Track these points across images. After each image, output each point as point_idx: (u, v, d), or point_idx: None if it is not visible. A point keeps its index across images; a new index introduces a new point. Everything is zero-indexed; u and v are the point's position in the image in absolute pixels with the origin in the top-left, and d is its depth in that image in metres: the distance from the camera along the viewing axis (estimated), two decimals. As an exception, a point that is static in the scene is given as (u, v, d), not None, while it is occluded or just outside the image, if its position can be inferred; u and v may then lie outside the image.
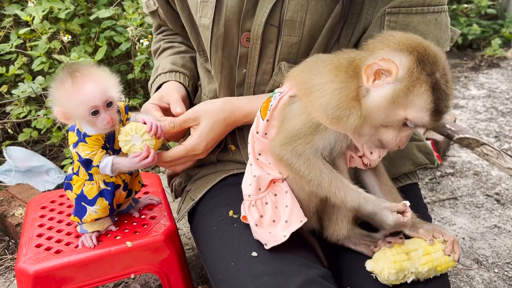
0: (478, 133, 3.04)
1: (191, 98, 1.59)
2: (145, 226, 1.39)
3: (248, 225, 1.24)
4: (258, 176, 1.20)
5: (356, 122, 1.04)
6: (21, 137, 2.39)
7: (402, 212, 1.07)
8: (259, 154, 1.23)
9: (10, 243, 1.99)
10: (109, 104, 1.18)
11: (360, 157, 1.19)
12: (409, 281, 1.11)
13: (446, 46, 1.33)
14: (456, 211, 2.23)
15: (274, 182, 1.21)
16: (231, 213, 1.33)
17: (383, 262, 1.10)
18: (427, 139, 2.54)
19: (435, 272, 1.14)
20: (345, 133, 1.10)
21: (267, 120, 1.19)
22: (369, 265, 1.13)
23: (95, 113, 1.17)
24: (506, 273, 1.83)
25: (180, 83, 1.54)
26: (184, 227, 2.06)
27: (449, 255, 1.14)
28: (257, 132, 1.22)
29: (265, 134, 1.21)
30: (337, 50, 1.36)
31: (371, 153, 1.16)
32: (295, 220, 1.15)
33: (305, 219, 1.16)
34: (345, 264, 1.26)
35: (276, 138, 1.16)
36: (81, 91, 1.15)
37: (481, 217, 2.18)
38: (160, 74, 1.56)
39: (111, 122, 1.19)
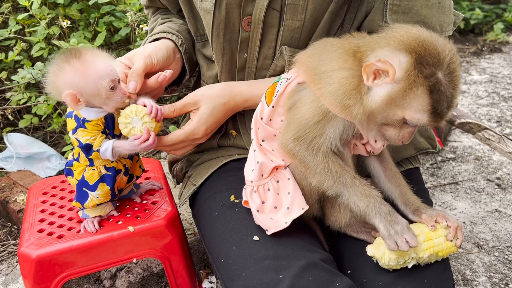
0: (480, 118, 3.03)
1: (183, 58, 1.51)
2: (147, 211, 1.39)
3: (249, 210, 1.24)
4: (261, 162, 1.20)
5: (360, 112, 1.04)
6: (21, 124, 2.38)
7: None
8: (263, 141, 1.22)
9: (13, 229, 2.00)
10: (118, 80, 1.20)
11: (364, 144, 1.18)
12: (409, 266, 1.11)
13: (449, 30, 1.32)
14: (457, 195, 2.24)
15: (276, 169, 1.20)
16: (232, 198, 1.33)
17: (384, 247, 1.10)
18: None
19: (436, 257, 1.14)
20: (352, 121, 1.09)
21: (273, 107, 1.18)
22: (370, 250, 1.13)
23: (113, 88, 1.17)
24: (506, 256, 1.84)
25: (171, 40, 1.47)
26: (185, 212, 2.06)
27: (451, 241, 1.14)
28: (261, 118, 1.21)
29: (270, 120, 1.20)
30: (341, 35, 1.35)
31: (375, 141, 1.16)
32: (296, 207, 1.16)
33: (306, 207, 1.16)
34: (346, 248, 1.26)
35: (287, 131, 1.15)
36: (96, 66, 1.16)
37: (482, 202, 2.18)
38: (151, 35, 1.51)
39: (126, 94, 1.21)
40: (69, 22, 2.23)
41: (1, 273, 1.79)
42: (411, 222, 1.18)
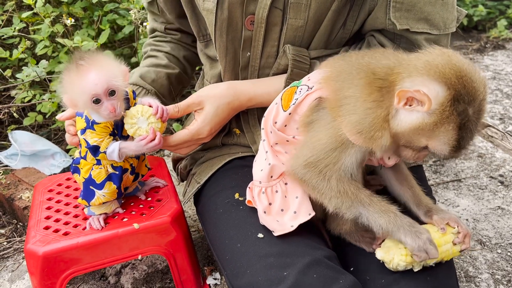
0: (483, 115, 3.02)
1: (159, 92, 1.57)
2: (152, 208, 1.40)
3: (253, 208, 1.25)
4: (272, 164, 1.19)
5: (388, 142, 1.02)
6: (26, 121, 2.39)
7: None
8: (276, 144, 1.22)
9: (18, 226, 2.01)
10: (111, 92, 1.16)
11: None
12: (415, 270, 1.11)
13: (452, 26, 1.32)
14: (460, 193, 2.24)
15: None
16: (237, 195, 1.34)
17: (394, 253, 1.10)
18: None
19: (440, 261, 1.14)
20: (373, 149, 1.06)
21: (290, 114, 1.17)
22: (379, 254, 1.13)
23: (97, 101, 1.16)
24: (509, 253, 1.84)
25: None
26: (189, 209, 2.07)
27: (456, 244, 1.13)
28: (276, 122, 1.19)
29: (285, 126, 1.19)
30: (343, 33, 1.35)
31: (389, 158, 1.15)
32: (304, 212, 1.16)
33: (313, 213, 1.16)
34: (350, 245, 1.27)
35: (298, 155, 1.13)
36: (84, 79, 1.15)
37: (485, 199, 2.19)
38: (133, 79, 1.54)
39: (114, 112, 1.17)
40: (73, 20, 2.24)
41: (7, 270, 1.81)
42: (421, 223, 1.17)
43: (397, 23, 1.27)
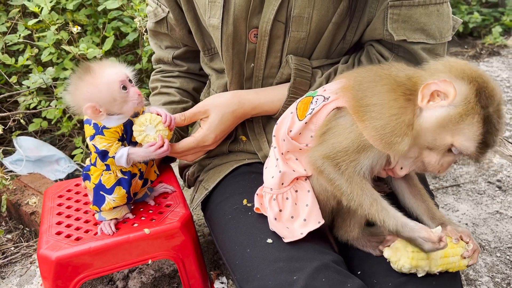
0: (480, 121, 3.06)
1: None
2: (161, 213, 1.43)
3: (262, 214, 1.28)
4: (283, 172, 1.22)
5: (406, 148, 1.04)
6: (31, 127, 2.41)
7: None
8: (287, 152, 1.25)
9: (25, 231, 2.03)
10: (130, 80, 1.24)
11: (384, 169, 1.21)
12: (419, 275, 1.14)
13: (448, 35, 1.36)
14: (459, 197, 2.28)
15: (297, 179, 1.24)
16: (245, 201, 1.37)
17: (401, 254, 1.13)
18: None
19: (445, 271, 1.17)
20: (393, 155, 1.09)
21: (305, 123, 1.19)
22: (387, 252, 1.16)
23: (125, 88, 1.22)
24: (508, 257, 1.88)
25: None
26: (195, 215, 2.10)
27: (465, 258, 1.16)
28: (290, 131, 1.22)
29: (299, 134, 1.22)
30: (344, 44, 1.39)
31: (401, 168, 1.18)
32: (313, 220, 1.19)
33: (323, 221, 1.19)
34: (356, 250, 1.29)
35: (317, 148, 1.16)
36: (104, 74, 1.21)
37: (483, 204, 2.23)
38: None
39: (141, 96, 1.25)
40: (79, 28, 2.27)
41: (16, 275, 1.83)
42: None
43: (394, 34, 1.31)
